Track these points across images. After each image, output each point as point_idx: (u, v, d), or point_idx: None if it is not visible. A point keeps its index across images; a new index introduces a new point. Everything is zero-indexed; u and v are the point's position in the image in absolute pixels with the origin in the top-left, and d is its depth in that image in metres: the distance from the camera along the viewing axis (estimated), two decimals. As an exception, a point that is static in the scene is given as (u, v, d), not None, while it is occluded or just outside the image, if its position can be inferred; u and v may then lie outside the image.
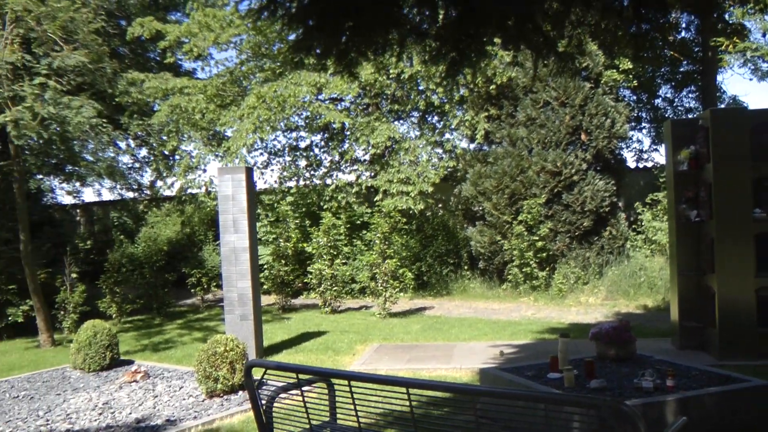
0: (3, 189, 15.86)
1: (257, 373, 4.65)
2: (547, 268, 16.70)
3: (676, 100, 26.25)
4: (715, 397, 6.37)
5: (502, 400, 3.58)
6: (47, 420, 8.20)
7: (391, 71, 17.81)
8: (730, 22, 20.78)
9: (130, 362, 11.35)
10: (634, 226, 18.47)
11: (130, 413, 8.24)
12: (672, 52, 22.99)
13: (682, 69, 24.81)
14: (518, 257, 16.43)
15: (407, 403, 3.83)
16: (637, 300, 15.33)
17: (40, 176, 21.01)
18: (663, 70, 24.82)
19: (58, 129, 12.45)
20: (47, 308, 13.88)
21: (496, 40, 6.04)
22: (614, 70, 18.05)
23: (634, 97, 25.22)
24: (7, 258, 15.08)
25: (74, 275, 15.07)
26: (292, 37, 18.10)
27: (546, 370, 7.51)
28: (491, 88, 17.45)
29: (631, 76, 20.01)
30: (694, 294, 10.29)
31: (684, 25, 22.79)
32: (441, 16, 5.46)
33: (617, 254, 16.93)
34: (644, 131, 26.71)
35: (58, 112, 11.81)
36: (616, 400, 3.13)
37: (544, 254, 16.53)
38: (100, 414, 8.30)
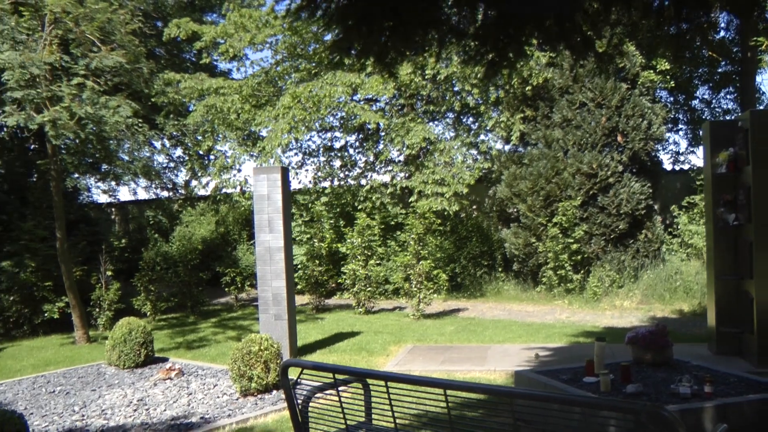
0: (40, 188, 16.04)
1: (293, 373, 4.65)
2: (582, 271, 16.58)
3: (714, 101, 25.92)
4: (755, 405, 6.26)
5: (538, 402, 3.54)
6: (83, 415, 8.27)
7: (426, 72, 17.77)
8: (771, 21, 20.50)
9: (164, 359, 11.41)
10: (669, 230, 18.26)
11: (165, 410, 8.28)
12: (710, 53, 22.71)
13: (720, 69, 24.48)
14: (553, 259, 16.32)
15: (440, 404, 3.80)
16: (672, 304, 15.16)
17: (77, 175, 21.25)
18: (701, 70, 24.50)
19: (94, 129, 12.54)
20: (82, 305, 14.01)
21: (534, 40, 5.99)
22: (651, 71, 17.86)
23: (671, 99, 24.92)
24: (43, 255, 15.24)
25: (109, 273, 15.19)
26: (328, 37, 18.19)
27: (581, 374, 7.46)
28: (527, 89, 17.37)
29: (668, 77, 19.79)
30: (731, 299, 10.14)
31: (723, 25, 22.53)
32: (480, 16, 5.42)
33: (653, 258, 16.76)
34: (681, 133, 26.40)
35: (95, 112, 11.90)
36: (656, 405, 3.06)
37: (579, 257, 16.42)
38: (135, 410, 8.34)
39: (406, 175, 19.41)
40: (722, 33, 22.99)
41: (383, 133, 19.33)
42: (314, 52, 19.84)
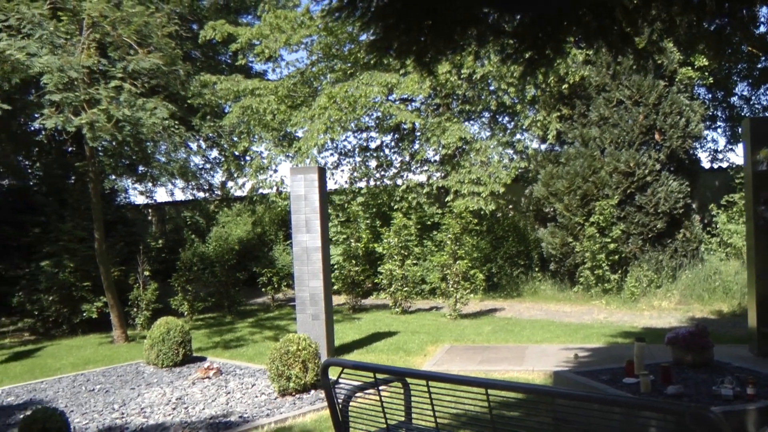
0: (78, 189, 16.21)
1: (333, 373, 4.65)
2: (620, 271, 16.45)
3: (753, 97, 25.59)
4: (799, 406, 6.17)
5: (579, 402, 3.50)
6: (122, 413, 8.34)
7: (462, 71, 17.72)
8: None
9: (202, 359, 11.47)
10: (708, 229, 18.06)
11: (204, 409, 8.33)
12: (750, 48, 22.41)
13: (760, 65, 24.16)
14: (590, 259, 16.20)
15: (479, 403, 3.78)
16: (711, 305, 14.99)
17: (114, 177, 21.45)
18: (740, 66, 24.20)
19: (132, 131, 12.65)
20: (120, 305, 14.14)
21: (572, 38, 5.95)
22: (689, 68, 17.69)
23: (710, 95, 24.66)
24: (82, 256, 15.40)
25: (147, 273, 15.31)
26: (363, 37, 18.17)
27: (621, 375, 7.39)
28: (563, 87, 17.27)
29: (706, 74, 19.59)
30: (773, 299, 10.01)
31: (763, 19, 22.23)
32: (518, 14, 5.39)
33: (691, 257, 16.59)
34: (719, 130, 26.13)
35: (132, 114, 12.00)
36: (700, 407, 3.02)
37: (616, 257, 16.29)
38: (174, 409, 8.40)
39: (442, 174, 19.39)
40: (762, 28, 22.71)
41: (419, 133, 19.32)
42: (350, 52, 19.87)
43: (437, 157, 19.68)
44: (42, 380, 10.58)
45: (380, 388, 4.49)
